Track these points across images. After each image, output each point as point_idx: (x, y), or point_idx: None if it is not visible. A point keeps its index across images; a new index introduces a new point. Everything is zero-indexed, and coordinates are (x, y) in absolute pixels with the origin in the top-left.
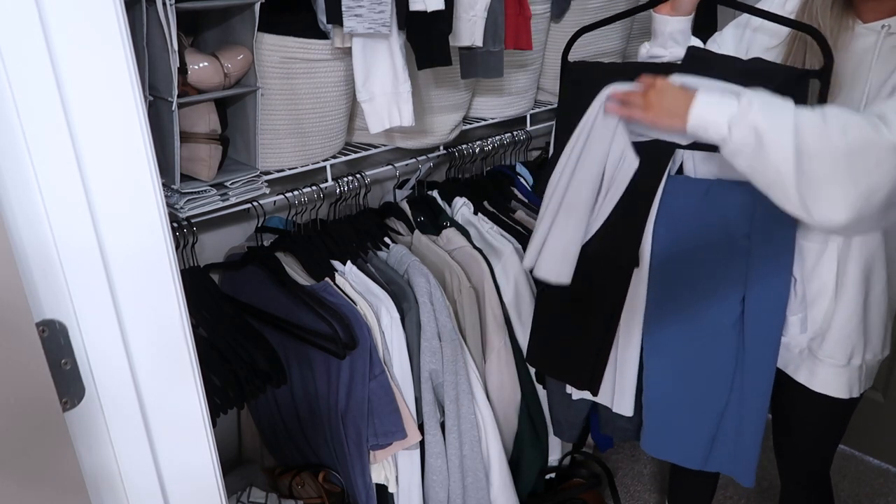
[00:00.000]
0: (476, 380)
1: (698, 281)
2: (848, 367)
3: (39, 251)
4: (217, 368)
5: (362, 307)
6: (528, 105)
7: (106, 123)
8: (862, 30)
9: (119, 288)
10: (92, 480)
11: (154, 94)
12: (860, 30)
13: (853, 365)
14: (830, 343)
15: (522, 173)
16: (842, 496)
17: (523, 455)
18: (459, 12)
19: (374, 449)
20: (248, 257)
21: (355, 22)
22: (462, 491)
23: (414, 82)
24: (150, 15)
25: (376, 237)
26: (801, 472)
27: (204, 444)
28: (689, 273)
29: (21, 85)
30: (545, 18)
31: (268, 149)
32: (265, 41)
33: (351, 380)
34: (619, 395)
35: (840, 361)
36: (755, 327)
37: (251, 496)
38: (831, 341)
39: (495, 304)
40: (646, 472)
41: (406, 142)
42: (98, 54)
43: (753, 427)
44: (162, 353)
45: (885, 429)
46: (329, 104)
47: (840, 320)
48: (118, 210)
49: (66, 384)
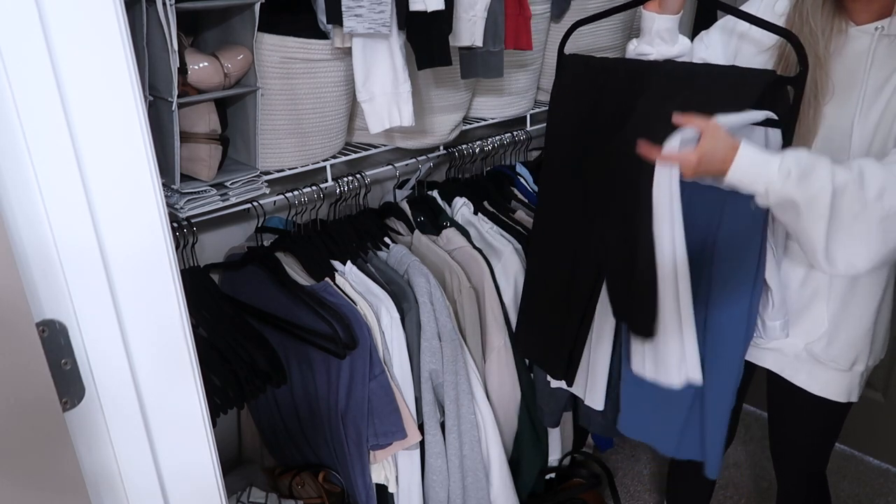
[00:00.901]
0: (476, 380)
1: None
2: (850, 373)
3: (39, 251)
4: (217, 368)
5: (362, 307)
6: (528, 105)
7: (106, 123)
8: (855, 32)
9: (119, 288)
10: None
11: (154, 94)
12: (853, 32)
13: (855, 370)
14: (836, 347)
15: (522, 173)
16: (842, 496)
17: (523, 455)
18: (459, 12)
19: (374, 449)
20: (248, 257)
21: (355, 22)
22: (462, 491)
23: (414, 82)
24: (150, 15)
25: (376, 237)
26: (799, 472)
27: (204, 444)
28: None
29: (21, 85)
30: (545, 18)
31: (268, 149)
32: (265, 41)
33: (351, 380)
34: (590, 389)
35: (843, 366)
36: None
37: (251, 496)
38: (837, 345)
39: (495, 304)
40: (646, 473)
41: (406, 142)
42: (98, 54)
43: (716, 423)
44: (162, 353)
45: (885, 429)
46: (329, 104)
47: (851, 325)
48: (118, 210)
49: (66, 384)
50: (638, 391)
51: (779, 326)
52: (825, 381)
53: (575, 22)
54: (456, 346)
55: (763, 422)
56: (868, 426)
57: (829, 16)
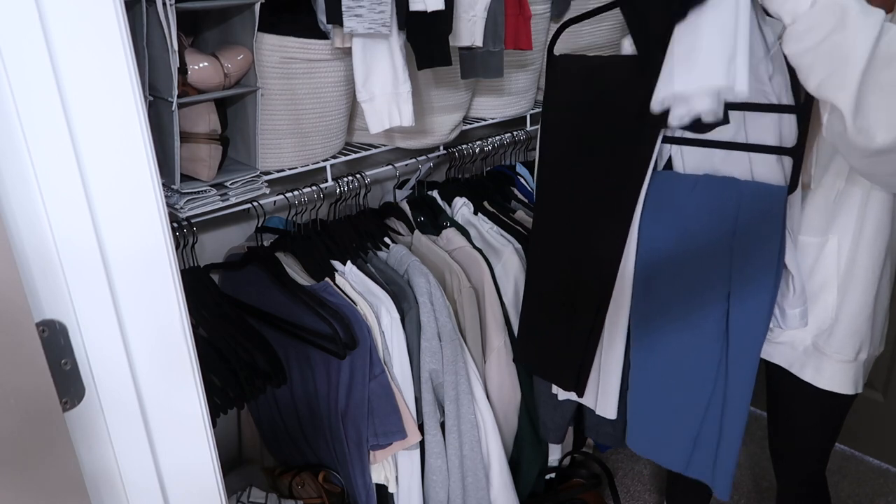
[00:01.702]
0: (476, 380)
1: (683, 279)
2: (855, 362)
3: (39, 251)
4: (217, 368)
5: (362, 307)
6: (528, 105)
7: (106, 123)
8: None
9: (119, 288)
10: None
11: (154, 94)
12: None
13: (860, 359)
14: (839, 337)
15: (522, 173)
16: (842, 496)
17: (523, 455)
18: (459, 12)
19: (374, 449)
20: (248, 257)
21: (355, 22)
22: (462, 491)
23: (414, 82)
24: (150, 15)
25: (376, 237)
26: (800, 472)
27: (204, 444)
28: (674, 271)
29: (21, 85)
30: (545, 18)
31: (268, 149)
32: (265, 41)
33: (351, 380)
34: (602, 397)
35: (848, 356)
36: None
37: (251, 496)
38: (840, 336)
39: (495, 304)
40: (646, 472)
41: (406, 142)
42: (98, 54)
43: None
44: (162, 353)
45: (885, 429)
46: (329, 104)
47: (850, 314)
48: (118, 210)
49: (66, 384)
50: (648, 407)
51: (798, 315)
52: (831, 374)
53: (563, 22)
54: (456, 347)
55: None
56: (868, 426)
57: None
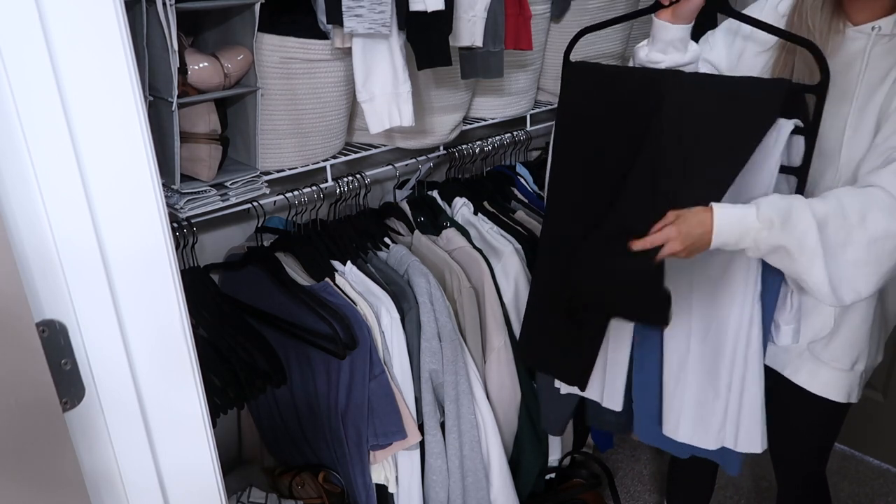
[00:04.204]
0: (476, 380)
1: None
2: (851, 373)
3: (39, 251)
4: (217, 368)
5: (362, 307)
6: (528, 105)
7: (106, 123)
8: (852, 33)
9: (119, 288)
10: (92, 480)
11: (154, 94)
12: (850, 33)
13: (856, 370)
14: (836, 347)
15: (522, 173)
16: (842, 496)
17: (523, 455)
18: (459, 12)
19: (374, 449)
20: (248, 257)
21: (355, 22)
22: (462, 491)
23: (414, 82)
24: (150, 15)
25: (376, 237)
26: (799, 472)
27: (204, 444)
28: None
29: (21, 85)
30: (545, 18)
31: (268, 149)
32: (265, 41)
33: (351, 380)
34: (609, 391)
35: (844, 366)
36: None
37: (251, 496)
38: (838, 345)
39: (495, 304)
40: (646, 473)
41: (406, 142)
42: (98, 54)
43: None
44: (162, 353)
45: (885, 429)
46: (329, 104)
47: (851, 326)
48: (118, 210)
49: (66, 384)
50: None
51: (791, 332)
52: (825, 380)
53: (582, 29)
54: (456, 347)
55: None
56: (868, 426)
57: (827, 16)
